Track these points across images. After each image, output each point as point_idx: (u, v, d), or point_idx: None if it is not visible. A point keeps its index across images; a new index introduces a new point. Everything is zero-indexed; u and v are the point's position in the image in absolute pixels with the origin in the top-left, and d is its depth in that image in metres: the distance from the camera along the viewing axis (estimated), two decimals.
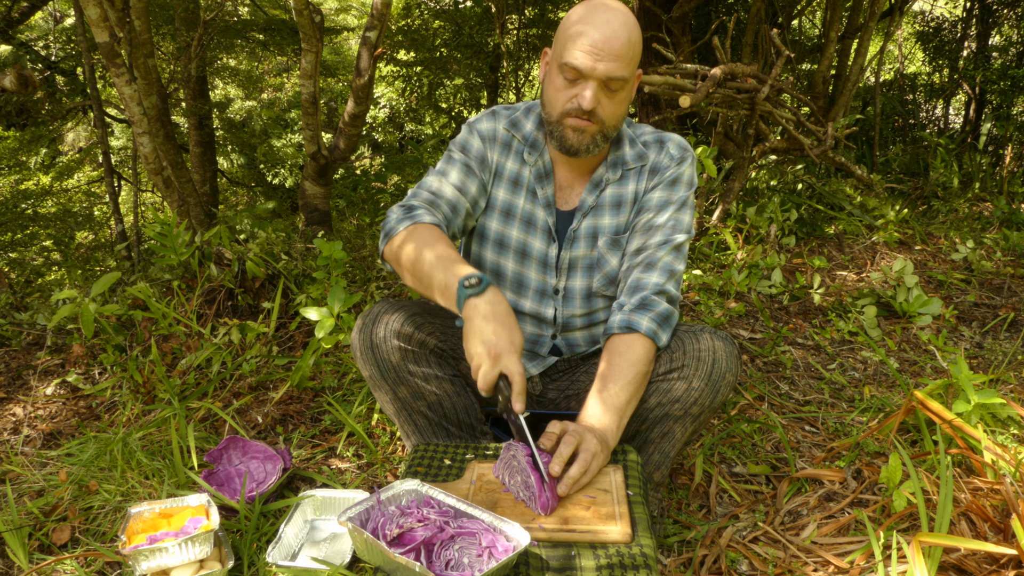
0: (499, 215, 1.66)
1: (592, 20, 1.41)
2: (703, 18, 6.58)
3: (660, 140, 1.63)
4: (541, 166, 1.63)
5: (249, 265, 2.85)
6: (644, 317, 1.47)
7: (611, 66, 1.41)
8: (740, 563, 1.55)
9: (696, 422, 1.52)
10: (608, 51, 1.40)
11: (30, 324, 3.09)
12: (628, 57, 1.42)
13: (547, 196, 1.63)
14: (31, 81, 3.45)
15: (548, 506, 1.25)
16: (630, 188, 1.62)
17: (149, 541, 1.41)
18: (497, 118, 1.66)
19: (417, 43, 7.93)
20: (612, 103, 1.47)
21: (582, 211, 1.62)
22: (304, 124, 3.90)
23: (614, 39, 1.40)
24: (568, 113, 1.47)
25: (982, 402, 1.86)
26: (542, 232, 1.64)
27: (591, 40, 1.40)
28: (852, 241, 4.11)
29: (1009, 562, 1.43)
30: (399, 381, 1.58)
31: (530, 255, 1.66)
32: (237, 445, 1.85)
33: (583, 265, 1.64)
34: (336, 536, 1.59)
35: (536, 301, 1.68)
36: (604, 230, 1.62)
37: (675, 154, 1.60)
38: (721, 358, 1.47)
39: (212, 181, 6.98)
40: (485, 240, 1.69)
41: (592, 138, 1.50)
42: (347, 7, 11.82)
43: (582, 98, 1.43)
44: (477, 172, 1.63)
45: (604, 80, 1.42)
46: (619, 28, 1.41)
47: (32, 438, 2.20)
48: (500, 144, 1.65)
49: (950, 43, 6.91)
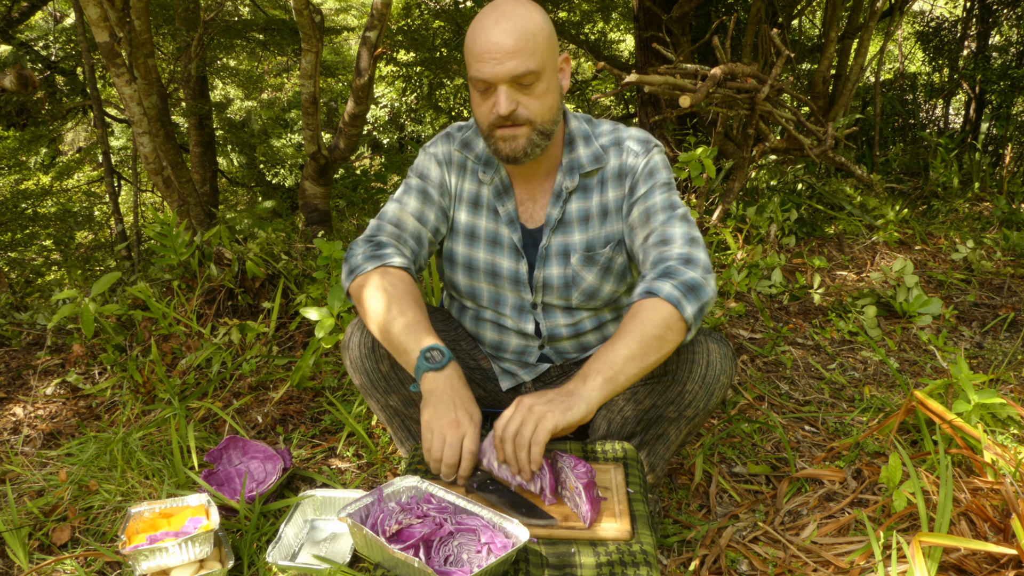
0: (464, 238, 1.63)
1: (481, 26, 1.38)
2: (703, 18, 6.58)
3: (617, 142, 1.56)
4: (498, 182, 1.58)
5: (249, 265, 2.85)
6: (666, 283, 1.34)
7: (511, 64, 1.36)
8: (740, 563, 1.55)
9: (691, 424, 1.51)
10: (503, 51, 1.35)
11: (30, 324, 3.09)
12: (528, 49, 1.36)
13: (509, 212, 1.58)
14: (31, 81, 3.45)
15: (589, 517, 1.25)
16: (595, 201, 1.56)
17: (149, 541, 1.41)
18: (451, 140, 1.63)
19: (417, 43, 7.93)
20: (532, 98, 1.41)
21: (549, 227, 1.56)
22: (304, 124, 3.90)
23: (506, 37, 1.35)
24: (494, 124, 1.43)
25: (982, 402, 1.86)
26: (509, 250, 1.60)
27: (483, 47, 1.37)
28: (852, 241, 4.11)
29: (1009, 562, 1.43)
30: (390, 389, 1.58)
31: (501, 274, 1.61)
32: (237, 445, 1.85)
33: (558, 284, 1.59)
34: (336, 536, 1.59)
35: (516, 317, 1.64)
36: (575, 247, 1.56)
37: (638, 150, 1.54)
38: (715, 360, 1.45)
39: (212, 181, 6.98)
40: (455, 264, 1.65)
41: (528, 140, 1.44)
42: (347, 7, 11.82)
43: (498, 105, 1.39)
44: (436, 198, 1.60)
45: (511, 80, 1.37)
46: (508, 25, 1.36)
47: (32, 438, 2.20)
48: (456, 166, 1.62)
49: (950, 43, 6.91)
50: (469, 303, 1.70)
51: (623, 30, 9.78)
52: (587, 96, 10.24)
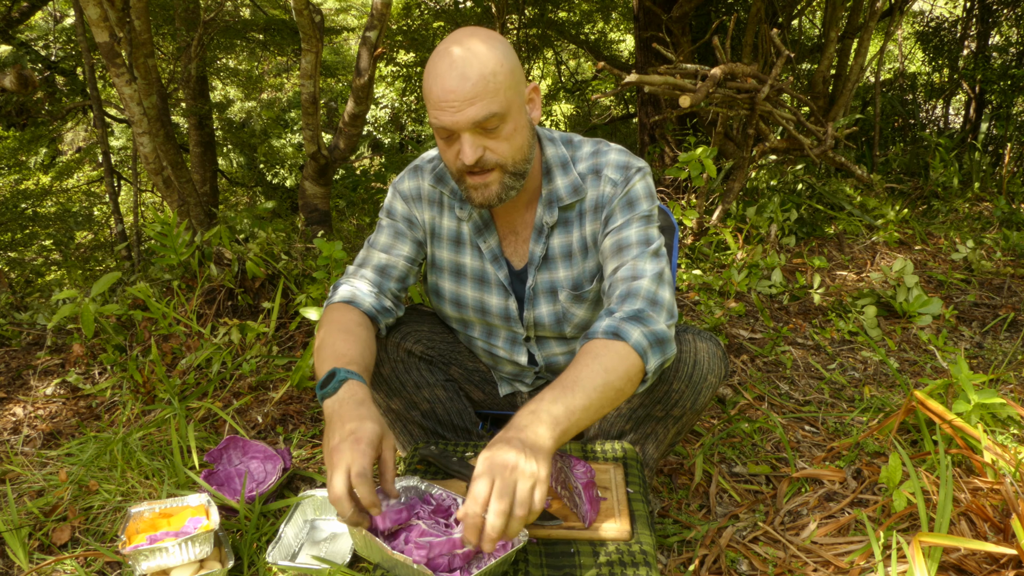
0: (449, 275, 1.59)
1: (435, 73, 1.28)
2: (703, 18, 6.58)
3: (596, 169, 1.47)
4: (477, 218, 1.52)
5: (249, 265, 2.85)
6: (636, 329, 1.26)
7: (471, 111, 1.26)
8: (740, 563, 1.55)
9: (679, 424, 1.51)
10: (460, 98, 1.25)
11: (30, 324, 3.09)
12: (489, 91, 1.26)
13: (492, 249, 1.54)
14: (31, 81, 3.45)
15: (589, 518, 1.25)
16: (575, 236, 1.50)
17: (149, 541, 1.41)
18: (420, 175, 1.56)
19: (417, 43, 7.93)
20: (499, 141, 1.32)
21: (534, 265, 1.52)
22: (304, 124, 3.90)
23: (462, 82, 1.25)
24: (463, 171, 1.36)
25: (982, 402, 1.86)
26: (496, 287, 1.56)
27: (439, 95, 1.27)
28: (852, 241, 4.12)
29: (1009, 562, 1.43)
30: (392, 393, 1.57)
31: (490, 311, 1.58)
32: (237, 445, 1.85)
33: (550, 321, 1.55)
34: (336, 536, 1.59)
35: (509, 349, 1.63)
36: (562, 284, 1.52)
37: (616, 178, 1.44)
38: (703, 359, 1.43)
39: (212, 181, 6.98)
40: (442, 299, 1.63)
41: (500, 185, 1.36)
42: (347, 7, 11.82)
43: (463, 154, 1.30)
44: (406, 232, 1.56)
45: (473, 127, 1.28)
46: (464, 67, 1.25)
47: (32, 438, 2.20)
48: (427, 202, 1.55)
49: (950, 43, 6.91)
50: (461, 332, 1.69)
51: (623, 30, 9.79)
52: (587, 96, 10.25)
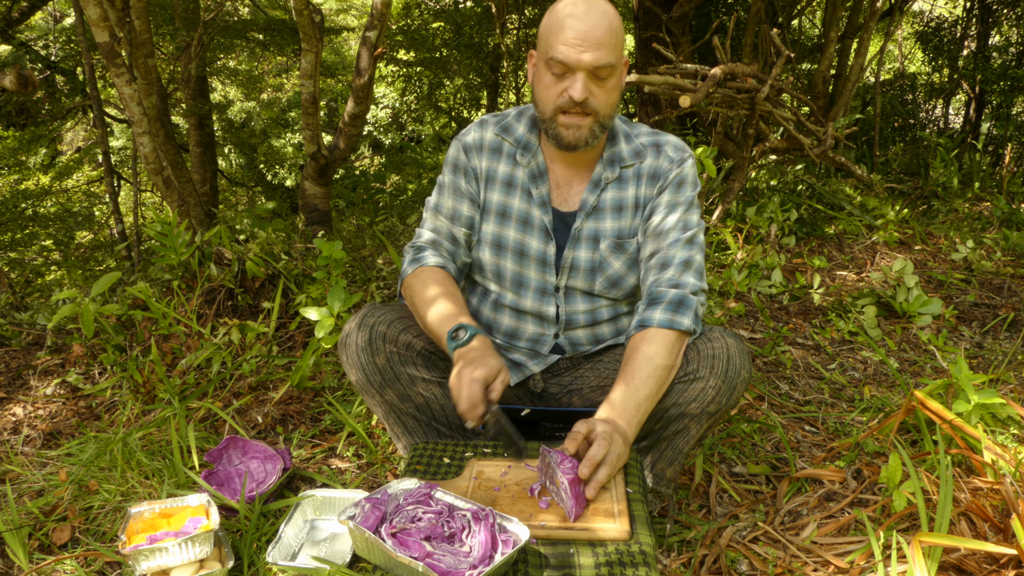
0: (495, 217, 1.67)
1: (572, 13, 1.43)
2: (703, 18, 6.59)
3: (657, 144, 1.63)
4: (535, 166, 1.63)
5: (249, 265, 2.85)
6: (655, 311, 1.49)
7: (596, 55, 1.42)
8: (740, 563, 1.55)
9: (712, 420, 1.54)
10: (591, 40, 1.41)
11: (30, 324, 3.09)
12: (612, 44, 1.44)
13: (542, 195, 1.63)
14: (31, 81, 3.45)
15: (574, 512, 1.25)
16: (630, 192, 1.62)
17: (149, 541, 1.41)
18: (485, 127, 1.69)
19: (417, 43, 7.93)
20: (603, 91, 1.48)
21: (584, 211, 1.62)
22: (304, 124, 3.90)
23: (595, 28, 1.41)
24: (561, 108, 1.48)
25: (982, 402, 1.86)
26: (539, 231, 1.64)
27: (573, 32, 1.42)
28: (852, 241, 4.12)
29: (1009, 562, 1.43)
30: (385, 384, 1.59)
31: (528, 254, 1.66)
32: (237, 445, 1.85)
33: (585, 267, 1.64)
34: (336, 536, 1.59)
35: (537, 300, 1.68)
36: (606, 234, 1.62)
37: (674, 156, 1.60)
38: (735, 355, 1.50)
39: (212, 181, 6.97)
40: (482, 243, 1.70)
41: (590, 131, 1.50)
42: (347, 7, 11.82)
43: (573, 90, 1.44)
44: (464, 188, 1.67)
45: (592, 70, 1.43)
46: (599, 17, 1.42)
47: (32, 438, 2.20)
48: (488, 151, 1.67)
49: (950, 43, 6.91)
50: (492, 285, 1.73)
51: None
52: None
